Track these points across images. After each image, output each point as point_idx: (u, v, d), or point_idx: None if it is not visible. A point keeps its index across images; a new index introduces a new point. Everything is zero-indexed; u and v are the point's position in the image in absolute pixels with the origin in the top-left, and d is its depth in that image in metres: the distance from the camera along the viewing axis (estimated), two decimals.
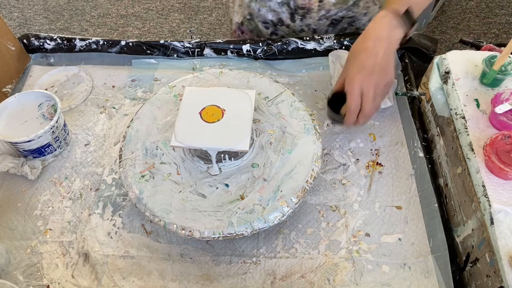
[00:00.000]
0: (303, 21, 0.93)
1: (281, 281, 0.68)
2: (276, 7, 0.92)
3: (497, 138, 0.63)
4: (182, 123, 0.70)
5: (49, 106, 0.85)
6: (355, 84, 0.69)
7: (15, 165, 0.81)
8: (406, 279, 0.67)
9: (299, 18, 0.93)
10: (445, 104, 0.78)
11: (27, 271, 0.71)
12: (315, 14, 0.91)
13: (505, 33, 2.36)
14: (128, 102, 0.94)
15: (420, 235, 0.71)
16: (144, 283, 0.69)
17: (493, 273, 0.59)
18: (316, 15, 0.91)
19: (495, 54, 0.72)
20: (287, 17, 0.93)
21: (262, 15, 0.97)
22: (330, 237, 0.72)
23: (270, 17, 0.96)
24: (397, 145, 0.83)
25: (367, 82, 0.69)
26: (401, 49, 0.96)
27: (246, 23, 1.03)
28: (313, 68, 0.98)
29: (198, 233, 0.65)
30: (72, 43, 1.02)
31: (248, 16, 1.01)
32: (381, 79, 0.69)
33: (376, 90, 0.69)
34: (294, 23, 0.94)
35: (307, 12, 0.91)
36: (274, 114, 0.79)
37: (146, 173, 0.72)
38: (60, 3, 2.82)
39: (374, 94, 0.69)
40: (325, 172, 0.80)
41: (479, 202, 0.62)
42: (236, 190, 0.69)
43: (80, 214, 0.77)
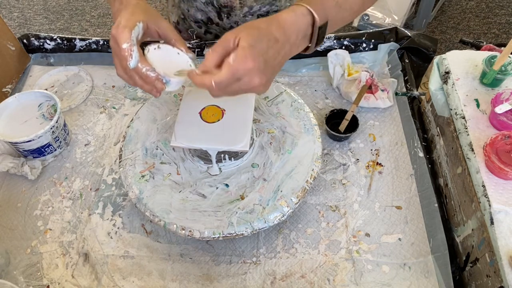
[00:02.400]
0: (230, 19, 0.94)
1: (281, 281, 0.68)
2: (202, 6, 0.94)
3: (497, 138, 0.63)
4: (182, 123, 0.70)
5: (49, 106, 0.85)
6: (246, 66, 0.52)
7: (15, 165, 0.81)
8: (406, 279, 0.67)
9: (225, 16, 0.94)
10: (445, 104, 0.78)
11: (27, 271, 0.71)
12: (239, 11, 0.92)
13: (505, 33, 2.36)
14: (128, 102, 0.94)
15: (420, 235, 0.71)
16: (144, 283, 0.69)
17: (493, 273, 0.59)
18: (240, 12, 0.92)
19: (495, 54, 0.72)
20: (215, 16, 0.94)
21: (192, 15, 0.98)
22: (330, 237, 0.72)
23: (200, 17, 0.97)
24: (397, 145, 0.83)
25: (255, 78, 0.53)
26: (401, 49, 0.96)
27: (181, 22, 1.04)
28: (313, 68, 0.98)
29: (198, 233, 0.65)
30: (72, 43, 1.02)
31: (181, 15, 1.02)
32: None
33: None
34: (223, 21, 0.95)
35: (231, 10, 0.92)
36: (274, 114, 0.79)
37: (146, 173, 0.72)
38: (60, 3, 2.82)
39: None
40: (325, 172, 0.80)
41: (479, 202, 0.62)
42: (236, 190, 0.69)
43: (80, 214, 0.77)
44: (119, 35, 0.55)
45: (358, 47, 0.96)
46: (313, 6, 0.57)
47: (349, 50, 0.95)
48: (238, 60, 0.51)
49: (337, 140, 0.84)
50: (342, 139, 0.83)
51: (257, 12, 0.92)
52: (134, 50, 0.55)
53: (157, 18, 0.61)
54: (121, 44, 0.54)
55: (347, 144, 0.84)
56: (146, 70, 0.56)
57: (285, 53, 0.56)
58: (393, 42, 0.95)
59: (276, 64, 0.55)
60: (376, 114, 0.88)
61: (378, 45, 0.95)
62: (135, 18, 0.57)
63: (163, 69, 0.58)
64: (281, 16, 0.56)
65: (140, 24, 0.57)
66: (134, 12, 0.58)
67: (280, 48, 0.55)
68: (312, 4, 0.57)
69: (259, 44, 0.53)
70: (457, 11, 2.52)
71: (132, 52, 0.54)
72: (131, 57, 0.54)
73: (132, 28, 0.55)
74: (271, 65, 0.54)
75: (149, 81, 0.57)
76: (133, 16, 0.57)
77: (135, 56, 0.55)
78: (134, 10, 0.58)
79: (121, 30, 0.55)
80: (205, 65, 0.54)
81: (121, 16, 0.57)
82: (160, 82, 0.58)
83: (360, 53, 0.96)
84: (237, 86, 0.53)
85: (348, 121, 0.83)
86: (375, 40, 0.96)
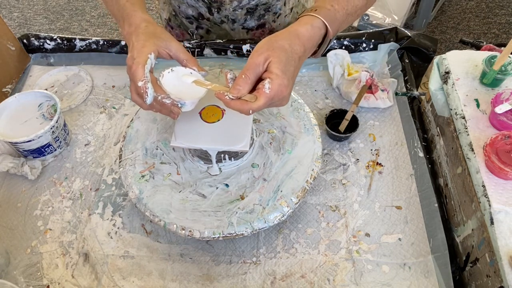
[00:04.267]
0: (220, 13, 0.95)
1: (281, 281, 0.68)
2: (192, 2, 0.94)
3: (497, 138, 0.63)
4: (182, 123, 0.70)
5: (49, 106, 0.85)
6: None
7: (15, 165, 0.81)
8: (406, 279, 0.67)
9: (216, 11, 0.95)
10: (445, 104, 0.78)
11: (27, 271, 0.71)
12: (229, 5, 0.92)
13: (505, 33, 2.36)
14: (128, 102, 0.94)
15: (420, 235, 0.71)
16: (144, 283, 0.69)
17: (493, 273, 0.59)
18: (230, 7, 0.93)
19: (495, 54, 0.72)
20: (205, 11, 0.95)
21: (183, 11, 0.99)
22: (330, 237, 0.72)
23: (191, 12, 0.98)
24: (397, 145, 0.83)
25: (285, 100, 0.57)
26: (401, 49, 0.96)
27: (173, 19, 1.05)
28: (313, 68, 0.98)
29: (198, 233, 0.65)
30: (72, 43, 1.02)
31: (173, 12, 1.03)
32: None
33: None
34: (213, 16, 0.96)
35: (221, 5, 0.93)
36: (274, 114, 0.79)
37: (146, 173, 0.72)
38: (60, 3, 2.82)
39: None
40: (325, 172, 0.80)
41: (479, 202, 0.62)
42: (236, 190, 0.69)
43: (80, 214, 0.77)
44: (134, 72, 0.58)
45: (358, 47, 0.96)
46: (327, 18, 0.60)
47: (349, 50, 0.95)
48: (274, 90, 0.54)
49: (337, 140, 0.84)
50: (342, 139, 0.83)
51: (247, 6, 0.92)
52: (149, 87, 0.58)
53: (167, 41, 0.63)
54: (136, 82, 0.57)
55: (347, 144, 0.84)
56: (162, 98, 0.60)
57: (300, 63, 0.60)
58: (393, 42, 0.95)
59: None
60: (376, 114, 0.88)
61: (378, 45, 0.95)
62: (146, 51, 0.59)
63: (178, 91, 0.61)
64: (299, 31, 0.59)
65: (151, 56, 0.59)
66: (145, 42, 0.60)
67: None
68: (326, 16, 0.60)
69: (288, 69, 0.56)
70: (457, 11, 2.52)
71: (147, 90, 0.57)
72: (147, 94, 0.57)
73: (145, 64, 0.58)
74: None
75: (166, 107, 0.61)
76: (144, 48, 0.59)
77: (150, 93, 0.58)
78: (145, 39, 0.61)
79: (135, 68, 0.58)
80: (238, 90, 0.55)
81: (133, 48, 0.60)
82: (176, 107, 0.61)
83: (360, 53, 0.96)
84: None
85: (348, 121, 0.83)
86: (375, 40, 0.96)
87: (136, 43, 0.60)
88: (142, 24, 0.63)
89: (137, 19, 0.63)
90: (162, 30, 0.64)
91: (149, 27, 0.63)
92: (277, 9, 0.97)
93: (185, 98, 0.61)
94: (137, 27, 0.63)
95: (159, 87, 0.60)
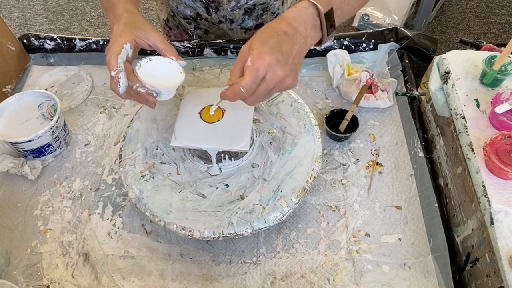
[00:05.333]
0: (218, 13, 0.95)
1: (281, 281, 0.68)
2: (191, 3, 0.95)
3: (497, 138, 0.63)
4: (182, 123, 0.70)
5: (49, 106, 0.85)
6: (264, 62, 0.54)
7: (15, 165, 0.81)
8: (406, 279, 0.67)
9: (213, 11, 0.95)
10: (445, 104, 0.78)
11: (27, 271, 0.71)
12: (227, 5, 0.93)
13: (505, 33, 2.36)
14: (128, 102, 0.94)
15: (420, 235, 0.71)
16: (144, 283, 0.69)
17: (493, 273, 0.59)
18: (228, 6, 0.93)
19: (495, 54, 0.72)
20: (203, 11, 0.96)
21: (181, 12, 0.99)
22: (330, 237, 0.72)
23: (189, 13, 0.98)
24: (397, 145, 0.83)
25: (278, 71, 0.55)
26: (401, 49, 0.96)
27: (171, 19, 1.05)
28: (313, 68, 0.98)
29: (198, 233, 0.65)
30: (72, 43, 1.02)
31: (171, 13, 1.03)
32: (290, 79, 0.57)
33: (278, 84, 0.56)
34: (211, 16, 0.97)
35: (219, 5, 0.93)
36: (274, 114, 0.79)
37: (146, 173, 0.72)
38: (60, 3, 2.82)
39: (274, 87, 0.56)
40: (325, 172, 0.80)
41: (479, 202, 0.62)
42: (236, 190, 0.69)
43: (80, 214, 0.77)
44: (108, 62, 0.59)
45: (358, 47, 0.96)
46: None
47: (349, 50, 0.95)
48: (254, 59, 0.54)
49: (337, 140, 0.84)
50: (342, 139, 0.83)
51: (245, 6, 0.92)
52: (121, 77, 0.59)
53: (146, 31, 0.63)
54: (110, 71, 0.59)
55: (347, 144, 0.84)
56: (136, 87, 0.61)
57: (300, 45, 0.58)
58: (393, 42, 0.95)
59: (294, 55, 0.57)
60: (376, 114, 0.88)
61: (378, 45, 0.95)
62: (122, 40, 0.60)
63: (156, 81, 0.62)
64: (285, 13, 0.59)
65: (127, 45, 0.61)
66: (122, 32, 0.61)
67: (291, 39, 0.57)
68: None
69: (269, 40, 0.55)
70: (457, 11, 2.52)
71: (119, 79, 0.59)
72: (119, 83, 0.59)
73: (119, 53, 0.59)
74: (289, 56, 0.56)
75: (142, 96, 0.62)
76: (120, 38, 0.61)
77: (122, 82, 0.59)
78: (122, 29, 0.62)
79: (109, 57, 0.59)
80: (231, 79, 0.57)
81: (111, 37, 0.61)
82: (151, 96, 0.62)
83: (360, 53, 0.96)
84: (265, 85, 0.55)
85: (348, 121, 0.83)
86: (375, 40, 0.96)
87: (114, 33, 0.61)
88: (123, 15, 0.64)
89: (119, 9, 0.64)
90: (142, 21, 0.65)
91: (129, 17, 0.63)
92: (275, 9, 0.97)
93: (160, 87, 0.61)
94: (119, 17, 0.63)
95: (134, 76, 0.61)
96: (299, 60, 0.58)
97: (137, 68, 0.62)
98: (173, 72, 0.64)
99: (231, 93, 0.56)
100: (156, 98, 0.62)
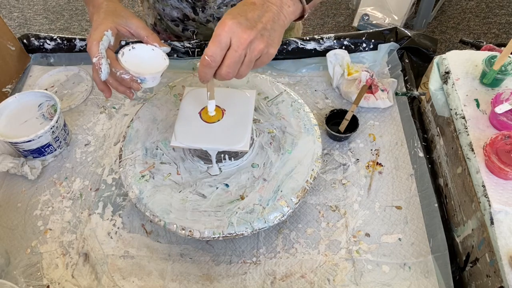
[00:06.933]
0: (205, 12, 0.94)
1: (281, 281, 0.68)
2: (177, 4, 0.94)
3: (497, 138, 0.63)
4: (182, 123, 0.70)
5: (49, 106, 0.85)
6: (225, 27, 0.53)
7: (15, 165, 0.81)
8: (406, 279, 0.67)
9: (200, 11, 0.94)
10: (445, 104, 0.78)
11: (27, 271, 0.71)
12: (213, 3, 0.92)
13: (505, 33, 2.36)
14: (128, 102, 0.94)
15: (420, 235, 0.71)
16: (144, 283, 0.69)
17: (493, 273, 0.59)
18: (214, 4, 0.92)
19: (495, 54, 0.72)
20: (190, 11, 0.95)
21: (168, 14, 0.98)
22: (330, 237, 0.72)
23: (176, 14, 0.97)
24: (397, 145, 0.83)
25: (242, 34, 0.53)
26: (401, 49, 0.96)
27: (158, 23, 1.04)
28: (313, 68, 0.98)
29: (198, 233, 0.65)
30: (72, 43, 1.02)
31: (158, 16, 1.03)
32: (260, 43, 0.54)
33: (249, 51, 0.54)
34: (198, 16, 0.96)
35: (205, 4, 0.92)
36: (274, 114, 0.79)
37: (146, 173, 0.72)
38: (60, 3, 2.82)
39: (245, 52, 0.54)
40: (325, 172, 0.80)
41: (479, 202, 0.62)
42: (236, 190, 0.69)
43: (80, 214, 0.77)
44: (89, 49, 0.59)
45: (358, 47, 0.96)
46: None
47: (349, 50, 0.95)
48: (217, 28, 0.53)
49: (337, 140, 0.84)
50: (342, 139, 0.83)
51: (231, 2, 0.92)
52: (103, 63, 0.59)
53: (127, 18, 0.63)
54: (92, 58, 0.58)
55: (347, 144, 0.84)
56: (120, 74, 0.60)
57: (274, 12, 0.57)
58: (393, 42, 0.95)
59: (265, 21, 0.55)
60: (376, 114, 0.88)
61: (378, 45, 0.95)
62: (102, 28, 0.60)
63: (140, 68, 0.62)
64: None
65: (108, 32, 0.60)
66: (103, 20, 0.61)
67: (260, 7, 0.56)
68: None
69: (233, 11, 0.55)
70: (457, 11, 2.52)
71: (101, 65, 0.58)
72: (101, 70, 0.59)
73: (100, 40, 0.59)
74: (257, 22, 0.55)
75: (125, 83, 0.61)
76: (101, 25, 0.60)
77: (104, 69, 0.59)
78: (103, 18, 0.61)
79: (90, 45, 0.59)
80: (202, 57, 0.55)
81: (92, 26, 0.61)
82: (135, 83, 0.61)
83: (360, 53, 0.96)
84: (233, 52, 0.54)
85: (348, 121, 0.83)
86: (375, 40, 0.96)
87: (95, 22, 0.61)
88: (103, 3, 0.63)
89: None
90: (122, 8, 0.64)
91: (109, 5, 0.63)
92: None
93: (144, 73, 0.61)
94: (99, 6, 0.63)
95: (118, 63, 0.60)
96: (275, 27, 0.56)
97: (120, 56, 0.61)
98: (157, 58, 0.64)
99: (200, 67, 0.54)
100: (141, 85, 0.62)
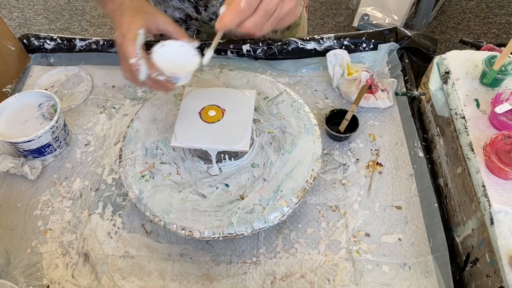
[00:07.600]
0: (208, 10, 0.94)
1: (281, 281, 0.68)
2: (178, 4, 0.93)
3: (497, 138, 0.63)
4: (182, 123, 0.70)
5: (49, 106, 0.85)
6: None
7: (15, 165, 0.81)
8: (406, 279, 0.67)
9: (203, 10, 0.93)
10: (445, 104, 0.78)
11: (27, 271, 0.71)
12: (215, 1, 0.91)
13: (505, 33, 2.36)
14: (128, 102, 0.94)
15: (420, 235, 0.71)
16: (144, 283, 0.69)
17: (493, 273, 0.59)
18: (217, 2, 0.91)
19: (495, 54, 0.72)
20: (193, 11, 0.94)
21: (170, 15, 0.97)
22: (330, 237, 0.72)
23: (178, 15, 0.97)
24: (397, 145, 0.83)
25: None
26: (401, 49, 0.96)
27: None
28: (313, 68, 0.98)
29: (198, 233, 0.65)
30: (72, 43, 1.02)
31: None
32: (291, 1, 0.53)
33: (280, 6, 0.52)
34: (201, 15, 0.95)
35: (207, 2, 0.91)
36: (274, 114, 0.79)
37: (146, 173, 0.72)
38: (60, 3, 2.82)
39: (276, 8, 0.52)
40: (325, 172, 0.80)
41: (479, 202, 0.62)
42: (236, 190, 0.69)
43: (80, 214, 0.77)
44: (125, 50, 0.57)
45: (358, 47, 0.96)
46: None
47: (349, 50, 0.95)
48: None
49: (337, 140, 0.84)
50: (342, 139, 0.83)
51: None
52: (142, 64, 0.57)
53: (154, 15, 0.61)
54: (129, 59, 0.56)
55: (347, 144, 0.84)
56: (156, 75, 0.59)
57: None
58: (393, 42, 0.95)
59: None
60: (376, 114, 0.88)
61: (378, 45, 0.95)
62: (135, 27, 0.58)
63: (171, 66, 0.60)
64: None
65: (141, 31, 0.58)
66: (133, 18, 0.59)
67: None
68: None
69: None
70: (457, 11, 2.52)
71: (140, 67, 0.57)
72: (139, 71, 0.57)
73: (135, 40, 0.57)
74: None
75: (160, 84, 0.60)
76: (133, 24, 0.58)
77: (143, 70, 0.57)
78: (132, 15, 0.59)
79: (126, 45, 0.56)
80: None
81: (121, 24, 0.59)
82: (170, 83, 0.60)
83: (360, 53, 0.96)
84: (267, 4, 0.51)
85: (348, 121, 0.83)
86: (375, 40, 0.96)
87: (123, 20, 0.59)
88: (125, 1, 0.61)
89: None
90: (146, 4, 0.62)
91: (133, 2, 0.61)
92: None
93: (179, 73, 0.60)
94: (121, 3, 0.61)
95: (152, 64, 0.59)
96: None
97: (153, 56, 0.60)
98: (187, 55, 0.62)
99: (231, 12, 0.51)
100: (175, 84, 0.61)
